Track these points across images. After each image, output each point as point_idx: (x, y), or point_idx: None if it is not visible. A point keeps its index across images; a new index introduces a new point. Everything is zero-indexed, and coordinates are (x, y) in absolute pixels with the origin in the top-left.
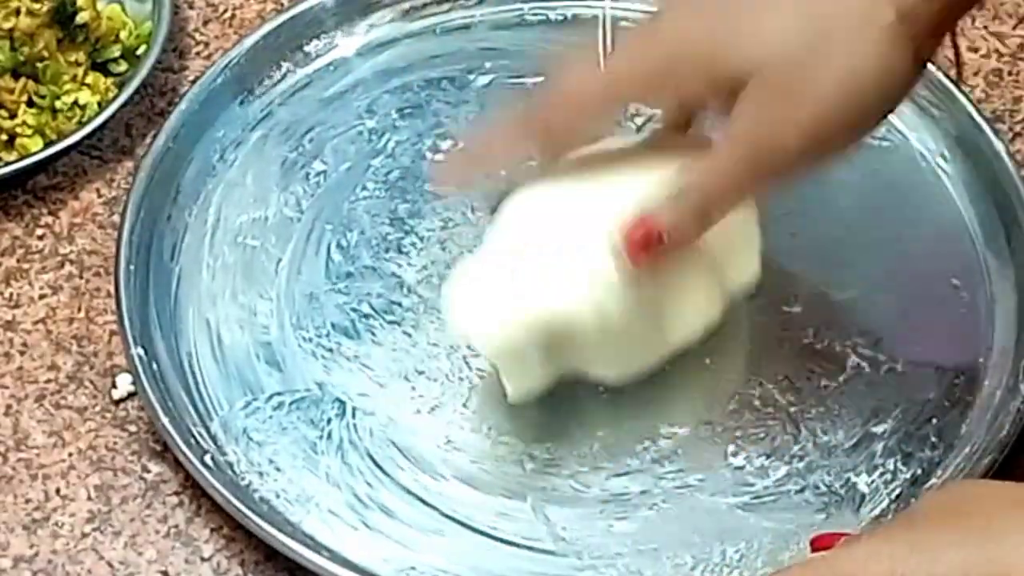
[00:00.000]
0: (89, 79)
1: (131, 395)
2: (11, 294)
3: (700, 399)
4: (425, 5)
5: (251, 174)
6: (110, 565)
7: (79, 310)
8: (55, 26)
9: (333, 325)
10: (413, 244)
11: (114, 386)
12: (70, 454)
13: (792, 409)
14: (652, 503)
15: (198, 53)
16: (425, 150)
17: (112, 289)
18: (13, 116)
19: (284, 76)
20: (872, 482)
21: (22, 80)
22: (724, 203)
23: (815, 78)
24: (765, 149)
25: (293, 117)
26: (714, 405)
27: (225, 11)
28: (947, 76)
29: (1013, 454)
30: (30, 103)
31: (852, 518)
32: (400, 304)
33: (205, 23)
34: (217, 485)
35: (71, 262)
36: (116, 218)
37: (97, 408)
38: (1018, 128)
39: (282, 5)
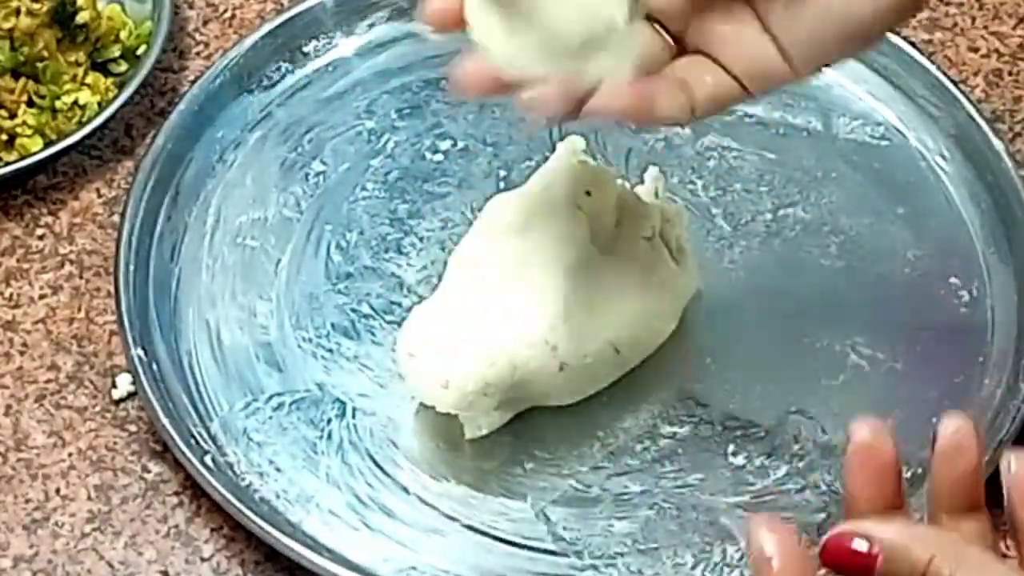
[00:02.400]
0: (89, 79)
1: (131, 395)
2: (11, 294)
3: (700, 399)
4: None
5: (251, 174)
6: (110, 565)
7: (79, 310)
8: (55, 26)
9: (333, 325)
10: (413, 244)
11: (114, 386)
12: (70, 454)
13: (792, 409)
14: (652, 503)
15: (198, 53)
16: (424, 150)
17: (112, 289)
18: (13, 116)
19: (283, 76)
20: None
21: (22, 80)
22: None
23: None
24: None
25: (292, 117)
26: (714, 405)
27: (225, 11)
28: (947, 76)
29: None
30: (30, 103)
31: None
32: (400, 304)
33: (205, 23)
34: (217, 485)
35: (71, 262)
36: (116, 218)
37: (97, 408)
38: (1018, 128)
39: (282, 5)
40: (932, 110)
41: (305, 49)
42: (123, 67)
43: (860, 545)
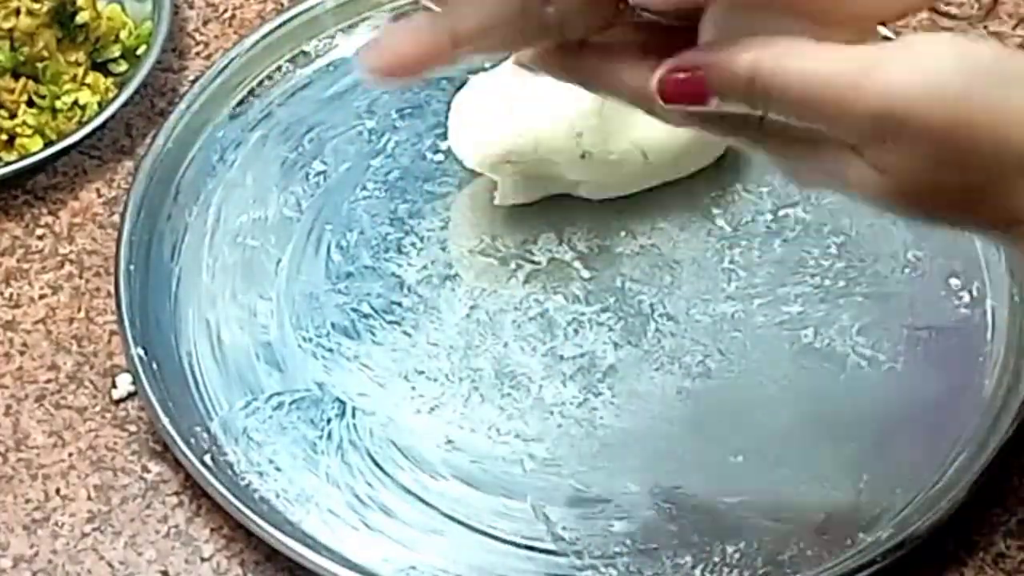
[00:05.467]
0: (89, 79)
1: (131, 395)
2: (11, 294)
3: (700, 399)
4: (425, 6)
5: (251, 174)
6: (110, 565)
7: (79, 310)
8: (55, 26)
9: (333, 325)
10: (413, 244)
11: (114, 386)
12: (70, 454)
13: (792, 408)
14: (652, 503)
15: (198, 53)
16: (424, 150)
17: (112, 289)
18: (13, 116)
19: (284, 76)
20: (872, 481)
21: (22, 80)
22: None
23: None
24: None
25: (293, 117)
26: (714, 405)
27: (225, 11)
28: None
29: (1013, 454)
30: (30, 103)
31: (853, 516)
32: (400, 304)
33: (205, 23)
34: (217, 485)
35: (71, 262)
36: (116, 218)
37: (97, 408)
38: None
39: (282, 5)
40: None
41: (305, 49)
42: (123, 67)
43: (683, 74)
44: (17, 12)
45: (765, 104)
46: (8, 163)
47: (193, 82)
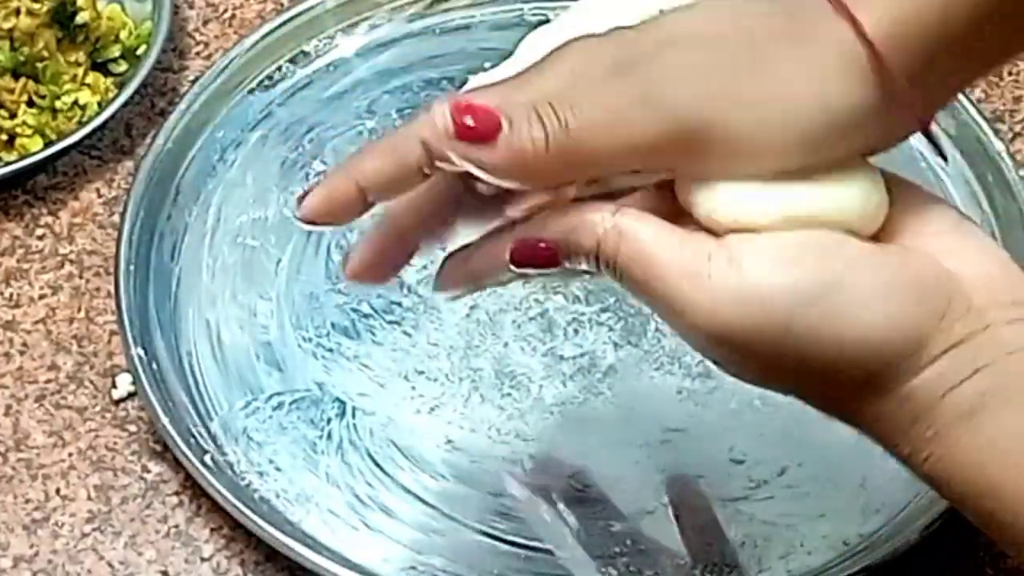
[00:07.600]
0: (89, 79)
1: (131, 395)
2: (11, 294)
3: (700, 399)
4: (425, 5)
5: (251, 174)
6: (110, 565)
7: (79, 310)
8: (55, 26)
9: (333, 325)
10: None
11: (114, 386)
12: (70, 454)
13: (792, 409)
14: (652, 503)
15: (198, 53)
16: None
17: (112, 289)
18: (13, 116)
19: (284, 76)
20: (872, 481)
21: (22, 80)
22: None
23: None
24: None
25: (293, 117)
26: (714, 405)
27: (225, 11)
28: None
29: None
30: (30, 103)
31: (853, 516)
32: (400, 304)
33: (205, 23)
34: (217, 485)
35: (71, 262)
36: (116, 218)
37: (97, 408)
38: (1018, 128)
39: (282, 5)
40: None
41: (305, 49)
42: (123, 67)
43: (536, 244)
44: (17, 12)
45: (608, 273)
46: (8, 163)
47: (193, 82)
